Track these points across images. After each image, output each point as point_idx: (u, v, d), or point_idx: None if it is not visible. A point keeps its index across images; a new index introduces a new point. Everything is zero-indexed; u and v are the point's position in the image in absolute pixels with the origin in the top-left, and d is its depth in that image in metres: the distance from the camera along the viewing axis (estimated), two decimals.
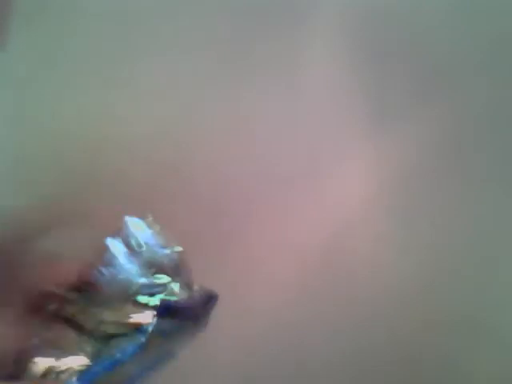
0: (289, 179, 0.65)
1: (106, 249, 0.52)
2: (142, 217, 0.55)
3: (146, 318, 0.49)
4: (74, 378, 0.46)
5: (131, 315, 0.49)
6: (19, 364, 0.47)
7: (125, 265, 0.51)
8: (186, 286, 0.52)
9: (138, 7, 0.67)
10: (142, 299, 0.50)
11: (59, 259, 0.53)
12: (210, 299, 0.53)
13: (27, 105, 0.65)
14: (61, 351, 0.47)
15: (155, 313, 0.49)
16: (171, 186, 0.64)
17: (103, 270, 0.51)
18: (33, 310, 0.50)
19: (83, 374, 0.46)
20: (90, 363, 0.47)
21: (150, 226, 0.54)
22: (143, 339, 0.48)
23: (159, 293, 0.50)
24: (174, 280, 0.51)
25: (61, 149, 0.65)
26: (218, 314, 0.54)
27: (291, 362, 0.62)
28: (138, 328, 0.48)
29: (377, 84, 0.67)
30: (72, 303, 0.50)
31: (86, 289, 0.50)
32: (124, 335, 0.48)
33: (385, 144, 0.67)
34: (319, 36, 0.67)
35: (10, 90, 0.64)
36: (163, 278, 0.51)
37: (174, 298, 0.50)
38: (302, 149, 0.66)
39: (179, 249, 0.54)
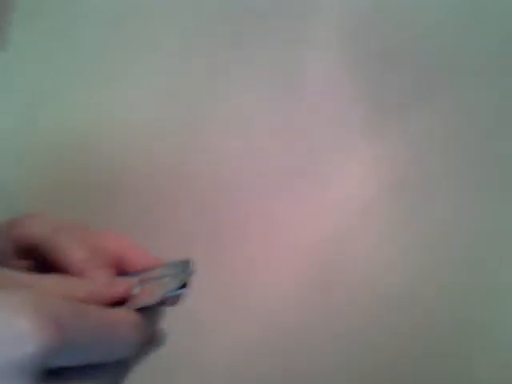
0: (287, 180, 0.65)
1: None
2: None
3: None
4: None
5: None
6: None
7: None
8: None
9: (138, 7, 0.67)
10: None
11: None
12: None
13: (27, 105, 0.65)
14: None
15: None
16: (170, 186, 0.64)
17: None
18: None
19: None
20: None
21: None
22: None
23: None
24: None
25: (61, 148, 0.65)
26: (216, 315, 0.54)
27: (290, 363, 0.62)
28: None
29: (377, 84, 0.67)
30: None
31: None
32: None
33: (385, 145, 0.67)
34: (318, 36, 0.66)
35: (10, 90, 0.64)
36: None
37: None
38: (302, 150, 0.66)
39: None
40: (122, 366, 0.39)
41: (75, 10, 0.65)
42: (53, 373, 0.35)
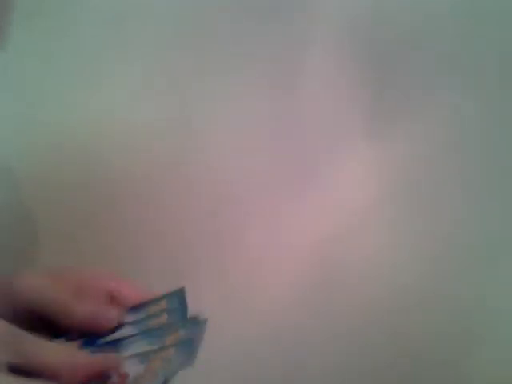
0: (287, 180, 0.65)
1: None
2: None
3: None
4: None
5: None
6: None
7: None
8: None
9: (138, 7, 0.67)
10: None
11: None
12: None
13: (27, 105, 0.65)
14: None
15: None
16: (170, 186, 0.64)
17: None
18: None
19: None
20: None
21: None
22: None
23: None
24: None
25: (61, 148, 0.65)
26: (216, 315, 0.54)
27: (290, 364, 0.62)
28: None
29: (377, 84, 0.67)
30: None
31: None
32: None
33: (385, 145, 0.67)
34: (318, 35, 0.66)
35: (10, 90, 0.64)
36: None
37: None
38: (302, 150, 0.66)
39: None
40: None
41: (75, 10, 0.65)
42: None
